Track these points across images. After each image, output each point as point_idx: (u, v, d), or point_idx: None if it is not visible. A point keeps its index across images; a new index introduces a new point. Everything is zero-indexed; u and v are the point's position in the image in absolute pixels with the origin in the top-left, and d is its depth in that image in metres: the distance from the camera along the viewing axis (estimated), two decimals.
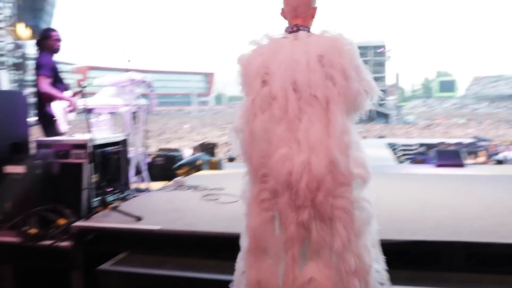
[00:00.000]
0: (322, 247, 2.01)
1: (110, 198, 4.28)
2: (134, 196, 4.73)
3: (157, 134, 39.56)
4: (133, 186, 5.05)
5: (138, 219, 3.63)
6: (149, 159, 6.35)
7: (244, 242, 2.22)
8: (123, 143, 4.83)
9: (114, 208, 3.84)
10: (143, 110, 5.16)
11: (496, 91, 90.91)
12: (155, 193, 4.97)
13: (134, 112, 4.99)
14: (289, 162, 1.97)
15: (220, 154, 22.11)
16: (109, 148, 4.54)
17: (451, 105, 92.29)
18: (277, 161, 1.99)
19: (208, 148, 15.94)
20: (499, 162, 13.16)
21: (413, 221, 3.55)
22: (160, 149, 11.54)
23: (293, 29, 2.18)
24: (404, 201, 4.31)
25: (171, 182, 5.35)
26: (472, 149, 20.55)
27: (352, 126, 2.09)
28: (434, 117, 65.15)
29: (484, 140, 25.09)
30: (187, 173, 6.36)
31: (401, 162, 16.32)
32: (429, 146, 22.02)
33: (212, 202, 4.38)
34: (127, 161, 4.93)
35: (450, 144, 22.28)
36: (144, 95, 5.27)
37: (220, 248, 3.20)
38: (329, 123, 1.99)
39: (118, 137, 4.77)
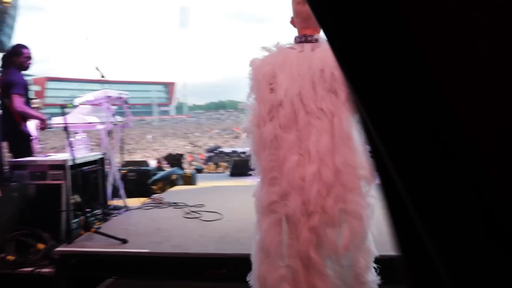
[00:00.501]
0: (331, 253, 2.08)
1: (90, 219, 4.12)
2: (114, 216, 4.58)
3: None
4: (111, 203, 4.90)
5: (123, 241, 3.50)
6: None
7: (256, 241, 2.26)
8: (100, 161, 4.68)
9: (97, 231, 3.69)
10: (119, 127, 5.02)
11: None
12: (135, 211, 4.81)
13: (110, 130, 4.84)
14: (302, 168, 2.07)
15: (186, 165, 21.96)
16: (86, 167, 4.38)
17: None
18: (290, 167, 2.08)
19: (175, 160, 15.72)
20: None
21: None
22: (126, 162, 11.29)
23: (301, 40, 2.27)
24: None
25: (148, 200, 5.21)
26: None
27: (356, 132, 2.12)
28: None
29: None
30: (162, 189, 6.22)
31: None
32: None
33: (196, 220, 4.29)
34: (105, 180, 4.78)
35: None
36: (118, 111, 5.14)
37: (213, 269, 3.12)
38: (335, 133, 2.09)
39: (95, 155, 4.63)
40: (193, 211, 4.56)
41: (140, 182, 6.74)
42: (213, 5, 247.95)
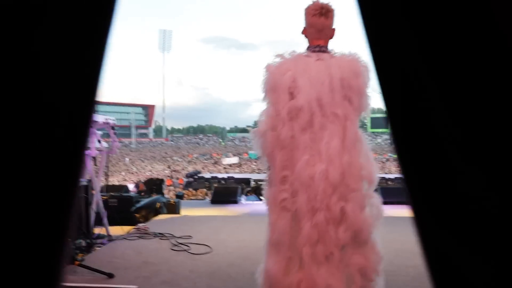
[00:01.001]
0: (333, 249, 2.20)
1: (73, 250, 3.90)
2: (98, 246, 4.35)
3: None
4: (94, 231, 4.68)
5: (110, 276, 3.31)
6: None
7: (266, 235, 2.40)
8: (84, 188, 4.48)
9: (81, 264, 3.48)
10: (105, 153, 4.83)
11: None
12: (119, 242, 4.59)
13: (94, 156, 4.64)
14: (311, 168, 2.22)
15: (165, 189, 21.62)
16: None
17: (382, 140, 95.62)
18: (301, 166, 2.24)
19: (155, 185, 15.42)
20: None
21: (391, 273, 3.22)
22: (105, 186, 11.01)
23: (315, 49, 2.44)
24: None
25: (133, 229, 5.00)
26: None
27: (363, 135, 2.39)
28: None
29: None
30: (145, 217, 6.01)
31: None
32: None
33: (185, 253, 4.10)
34: (89, 208, 4.57)
35: (390, 179, 22.90)
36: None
37: None
38: (345, 137, 2.28)
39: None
40: (180, 243, 4.38)
41: (122, 209, 6.52)
42: (194, 29, 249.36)
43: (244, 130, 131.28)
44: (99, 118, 4.64)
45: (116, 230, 5.04)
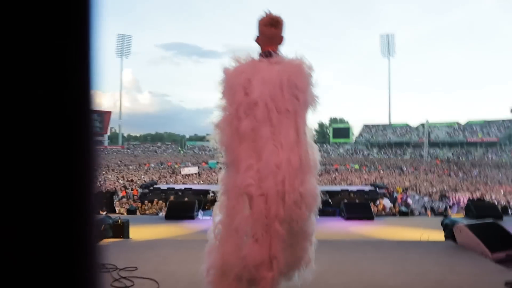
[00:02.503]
0: (292, 224, 2.68)
1: None
2: None
3: None
4: None
5: None
6: None
7: (216, 219, 2.83)
8: None
9: None
10: None
11: (385, 139, 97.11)
12: None
13: None
14: (276, 156, 2.62)
15: (117, 201, 20.77)
16: None
17: (344, 151, 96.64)
18: (268, 155, 2.62)
19: (106, 198, 14.66)
20: (404, 213, 13.40)
21: None
22: None
23: (266, 54, 2.86)
24: (343, 283, 3.81)
25: None
26: (372, 196, 21.17)
27: (308, 128, 2.85)
28: (331, 163, 67.50)
29: (381, 187, 26.03)
30: None
31: None
32: (331, 194, 22.39)
33: None
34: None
35: (352, 192, 22.85)
36: None
37: None
38: (297, 129, 2.72)
39: None
40: (123, 277, 3.87)
41: None
42: (154, 35, 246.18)
43: (204, 139, 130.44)
44: None
45: None
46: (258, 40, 2.95)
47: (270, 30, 2.89)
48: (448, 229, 5.84)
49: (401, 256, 4.74)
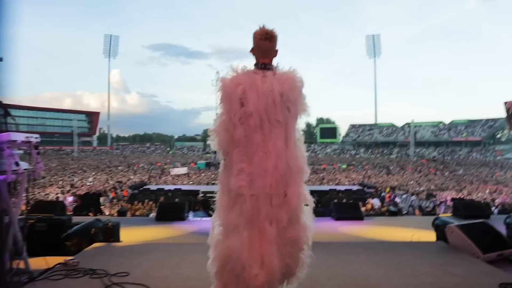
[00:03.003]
0: (279, 226, 2.91)
1: None
2: None
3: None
4: (14, 264, 3.98)
5: None
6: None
7: (216, 217, 3.15)
8: None
9: None
10: (25, 177, 4.14)
11: (371, 139, 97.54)
12: (40, 283, 3.89)
13: (11, 181, 3.94)
14: (265, 162, 2.89)
15: (108, 203, 20.56)
16: None
17: (332, 150, 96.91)
18: (258, 160, 2.89)
19: (92, 200, 14.48)
20: (393, 213, 13.39)
21: None
22: (35, 203, 10.07)
23: (261, 67, 3.07)
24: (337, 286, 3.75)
25: (59, 264, 4.32)
26: (361, 196, 21.20)
27: (299, 135, 3.17)
28: (319, 162, 67.55)
29: (370, 186, 26.07)
30: (78, 245, 5.31)
31: None
32: (320, 194, 22.36)
33: None
34: (1, 244, 3.86)
35: (341, 191, 22.85)
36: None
37: None
38: (286, 138, 2.99)
39: None
40: (114, 283, 3.76)
41: (51, 234, 5.79)
42: (142, 36, 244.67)
43: (192, 139, 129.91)
44: (17, 136, 3.97)
45: (40, 263, 4.36)
46: (253, 52, 3.13)
47: (265, 44, 3.07)
48: (440, 229, 5.81)
49: (394, 257, 4.68)
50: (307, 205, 3.13)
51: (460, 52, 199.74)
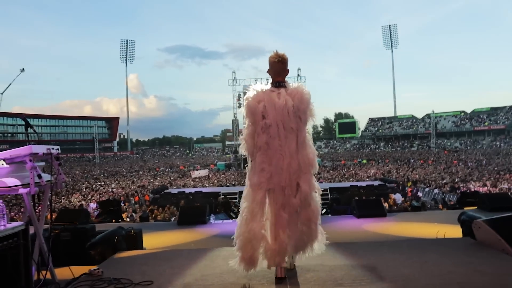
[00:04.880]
0: (292, 211, 3.80)
1: None
2: None
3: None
4: (41, 276, 4.02)
5: None
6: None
7: (243, 204, 3.94)
8: (23, 233, 3.81)
9: None
10: (48, 188, 4.17)
11: (391, 132, 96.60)
12: None
13: (35, 193, 3.97)
14: (281, 162, 3.75)
15: (131, 207, 20.67)
16: (1, 243, 3.51)
17: (351, 145, 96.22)
18: (276, 161, 3.75)
19: (112, 206, 14.54)
20: (416, 208, 13.23)
21: None
22: (60, 211, 10.18)
23: (276, 85, 3.92)
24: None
25: (83, 275, 4.34)
26: (382, 191, 20.98)
27: (309, 137, 3.95)
28: (338, 158, 67.18)
29: (391, 181, 25.78)
30: (102, 254, 5.34)
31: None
32: (341, 190, 22.21)
33: None
34: (28, 255, 3.90)
35: (362, 187, 22.66)
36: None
37: None
38: (298, 141, 3.81)
39: (14, 227, 3.74)
40: None
41: (76, 244, 5.85)
42: (157, 39, 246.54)
43: (211, 140, 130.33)
44: (39, 149, 4.00)
45: (65, 273, 4.40)
46: (269, 72, 3.97)
47: (278, 65, 3.90)
48: (466, 225, 5.69)
49: (420, 256, 4.58)
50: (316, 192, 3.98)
51: (479, 39, 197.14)
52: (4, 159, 3.93)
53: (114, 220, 12.86)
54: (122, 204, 20.37)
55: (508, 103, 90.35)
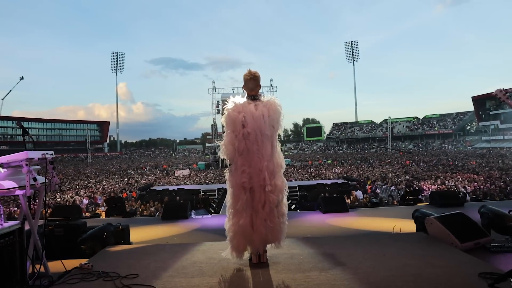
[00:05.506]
0: (271, 205, 4.00)
1: None
2: None
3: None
4: (33, 270, 3.90)
5: None
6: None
7: (229, 203, 4.17)
8: (18, 232, 3.70)
9: None
10: (42, 190, 4.06)
11: (353, 135, 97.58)
12: (58, 287, 3.79)
13: (30, 195, 3.86)
14: (259, 164, 3.94)
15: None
16: None
17: (317, 147, 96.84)
18: (255, 163, 3.94)
19: (116, 202, 14.30)
20: (375, 204, 13.34)
21: None
22: (54, 207, 9.94)
23: (251, 98, 4.09)
24: (328, 280, 3.69)
25: (74, 269, 4.23)
26: (345, 189, 21.13)
27: (278, 143, 4.17)
28: (306, 159, 67.44)
29: (353, 180, 25.97)
30: (92, 249, 5.22)
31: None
32: (309, 188, 22.30)
33: None
34: (23, 252, 3.79)
35: (327, 185, 22.78)
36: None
37: None
38: (272, 145, 4.05)
39: (11, 226, 3.63)
40: (125, 285, 3.68)
41: (68, 239, 5.71)
42: (144, 51, 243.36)
43: (193, 142, 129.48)
44: (34, 154, 3.89)
45: (58, 267, 4.28)
46: (244, 87, 4.15)
47: (251, 82, 4.09)
48: (419, 221, 5.75)
49: (379, 250, 4.61)
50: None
51: (430, 53, 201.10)
52: (2, 164, 3.82)
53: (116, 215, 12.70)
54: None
55: (455, 110, 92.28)
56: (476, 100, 77.89)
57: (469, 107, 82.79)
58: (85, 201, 22.87)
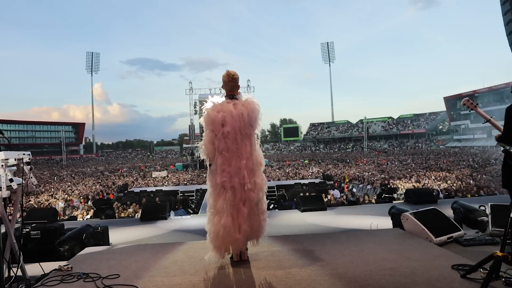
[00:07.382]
0: (251, 204, 4.01)
1: None
2: None
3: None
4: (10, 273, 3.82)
5: None
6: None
7: (210, 202, 4.09)
8: None
9: None
10: (19, 191, 3.98)
11: (329, 135, 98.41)
12: None
13: (6, 197, 3.77)
14: (239, 162, 3.94)
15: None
16: None
17: (295, 148, 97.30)
18: (235, 162, 3.93)
19: (104, 204, 14.13)
20: (352, 202, 13.51)
21: None
22: (29, 210, 9.78)
23: (231, 97, 4.09)
24: (309, 276, 3.74)
25: (53, 271, 4.16)
26: (322, 188, 21.29)
27: (257, 142, 4.14)
28: (284, 159, 67.71)
29: (330, 179, 26.21)
30: (71, 251, 5.15)
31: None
32: (286, 188, 22.38)
33: None
34: (0, 254, 3.70)
35: (304, 184, 22.91)
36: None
37: None
38: (251, 144, 4.02)
39: None
40: (107, 286, 3.65)
41: (46, 241, 5.61)
42: (120, 52, 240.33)
43: (170, 143, 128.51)
44: (11, 154, 3.81)
45: (36, 269, 4.21)
46: (223, 87, 4.17)
47: (230, 83, 4.11)
48: (395, 217, 5.87)
49: (357, 245, 4.69)
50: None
51: (403, 55, 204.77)
52: None
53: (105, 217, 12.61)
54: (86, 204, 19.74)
55: (428, 110, 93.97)
56: (448, 100, 79.73)
57: (442, 107, 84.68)
58: (61, 204, 22.45)
